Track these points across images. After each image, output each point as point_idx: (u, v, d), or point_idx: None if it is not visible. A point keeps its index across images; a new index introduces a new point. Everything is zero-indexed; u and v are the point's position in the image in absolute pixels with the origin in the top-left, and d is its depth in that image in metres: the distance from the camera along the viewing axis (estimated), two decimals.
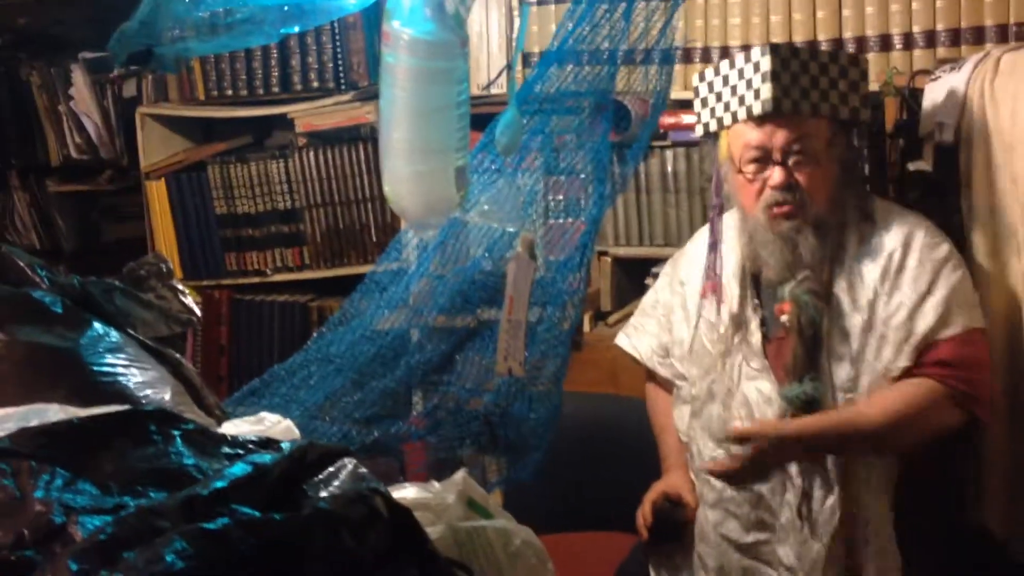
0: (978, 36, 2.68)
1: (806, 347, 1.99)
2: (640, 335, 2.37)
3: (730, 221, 2.19)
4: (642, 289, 2.96)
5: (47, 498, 0.98)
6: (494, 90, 2.57)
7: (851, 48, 2.75)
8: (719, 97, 2.12)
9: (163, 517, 0.90)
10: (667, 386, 2.35)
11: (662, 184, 2.97)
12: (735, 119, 2.07)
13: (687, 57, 2.96)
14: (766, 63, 2.00)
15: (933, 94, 2.30)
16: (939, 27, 2.71)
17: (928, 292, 2.00)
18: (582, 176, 1.97)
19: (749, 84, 2.04)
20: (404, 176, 1.47)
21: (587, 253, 1.92)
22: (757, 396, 2.06)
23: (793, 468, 2.03)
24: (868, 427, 1.97)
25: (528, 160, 1.89)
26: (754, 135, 2.03)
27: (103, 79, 3.57)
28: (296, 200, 3.31)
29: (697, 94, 2.18)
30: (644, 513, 2.21)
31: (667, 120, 2.90)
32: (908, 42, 2.75)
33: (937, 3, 2.70)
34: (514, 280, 1.69)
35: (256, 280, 3.41)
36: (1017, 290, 2.13)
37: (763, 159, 2.03)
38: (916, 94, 2.38)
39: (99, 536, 0.84)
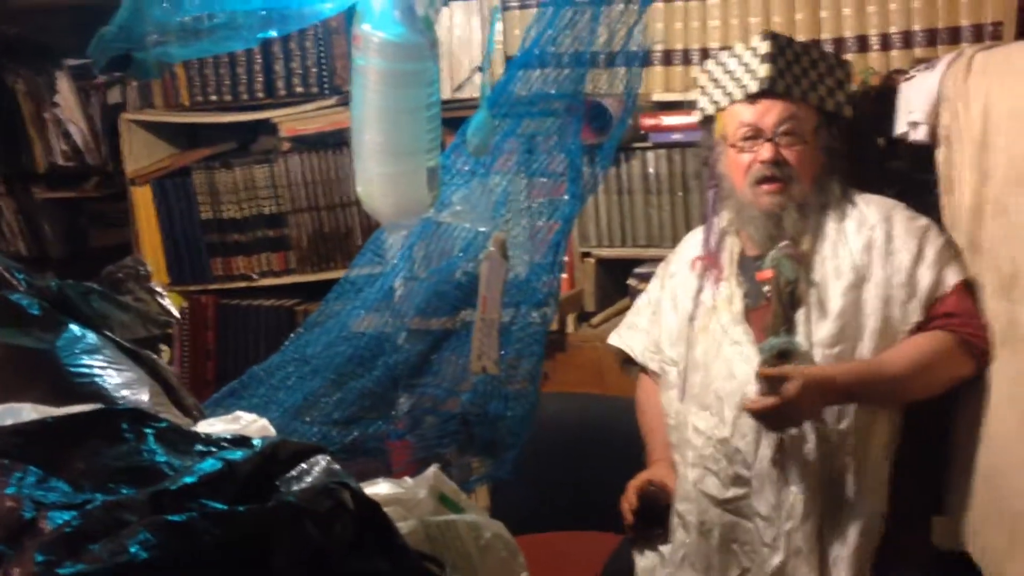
0: (954, 36, 2.70)
1: (783, 305, 2.09)
2: (633, 333, 2.46)
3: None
4: (625, 290, 2.99)
5: (18, 494, 1.00)
6: (467, 93, 2.59)
7: (829, 49, 2.77)
8: (717, 83, 2.26)
9: (130, 511, 0.91)
10: (657, 385, 2.39)
11: (644, 185, 2.99)
12: (732, 100, 2.21)
13: (667, 60, 2.99)
14: (765, 47, 2.18)
15: (907, 93, 2.32)
16: (916, 28, 2.74)
17: (919, 254, 2.13)
18: (558, 177, 1.99)
19: (747, 67, 2.20)
20: (376, 177, 1.49)
21: (560, 252, 1.94)
22: (738, 358, 2.14)
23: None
24: (892, 374, 2.05)
25: (501, 161, 1.91)
26: (748, 113, 2.18)
27: (88, 86, 3.59)
28: (281, 205, 3.33)
29: (697, 83, 2.34)
30: (628, 498, 2.26)
31: (648, 122, 2.93)
32: (885, 43, 2.78)
33: (913, 4, 2.73)
34: (487, 279, 1.71)
35: (242, 285, 3.42)
36: (993, 286, 2.15)
37: (755, 136, 2.17)
38: (892, 93, 2.41)
39: (65, 529, 0.86)
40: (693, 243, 2.37)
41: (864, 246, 2.14)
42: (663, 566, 2.24)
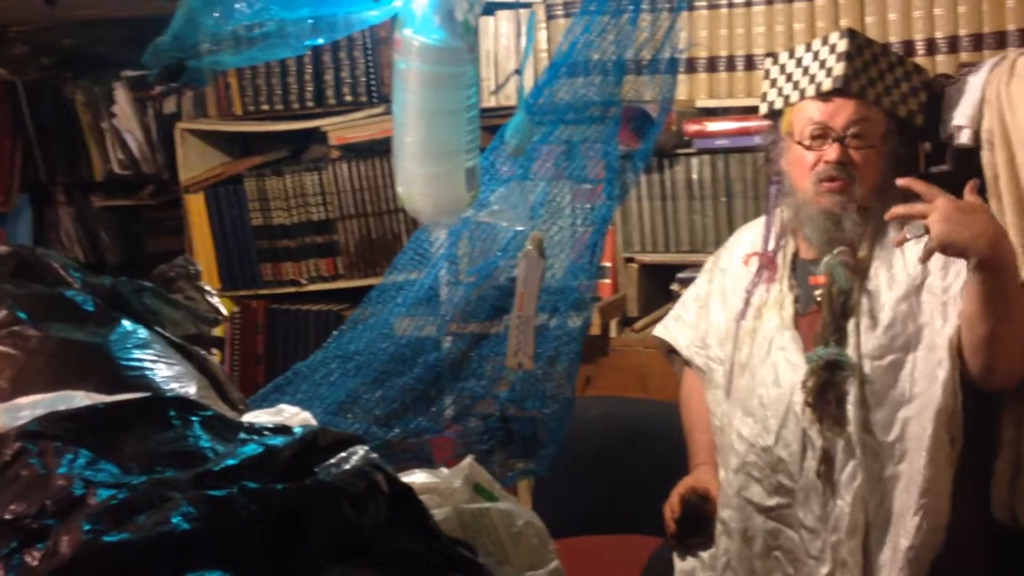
0: (1000, 41, 2.68)
1: (834, 314, 2.06)
2: (679, 326, 2.42)
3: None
4: (668, 295, 3.00)
5: (69, 474, 1.04)
6: (505, 98, 2.62)
7: None
8: (788, 77, 2.21)
9: (174, 488, 0.96)
10: (702, 381, 2.37)
11: (687, 191, 3.01)
12: (802, 96, 2.16)
13: (711, 67, 3.00)
14: (843, 44, 2.11)
15: (952, 98, 2.32)
16: (961, 32, 2.73)
17: None
18: (600, 182, 2.02)
19: (822, 64, 2.14)
20: (416, 177, 1.53)
21: (597, 252, 1.97)
22: (785, 365, 2.10)
23: (813, 431, 2.05)
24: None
25: (539, 164, 1.95)
26: (816, 111, 2.12)
27: (144, 96, 3.68)
28: (330, 211, 3.39)
29: (767, 76, 2.27)
30: (672, 506, 2.24)
31: (692, 128, 2.94)
32: (931, 47, 2.76)
33: (959, 8, 2.71)
34: (524, 277, 1.74)
35: (292, 290, 3.49)
36: None
37: (822, 135, 2.11)
38: (937, 98, 2.40)
39: (111, 502, 0.90)
40: (747, 238, 2.32)
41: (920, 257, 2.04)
42: (703, 569, 2.24)
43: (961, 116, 2.27)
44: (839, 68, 2.10)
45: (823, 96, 2.12)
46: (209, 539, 0.87)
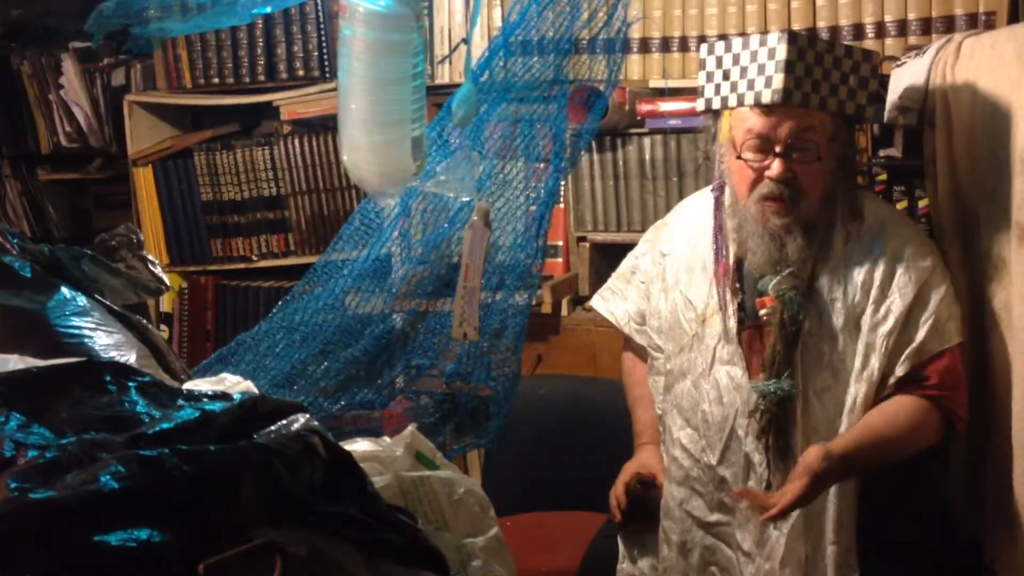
0: (948, 25, 2.72)
1: (785, 344, 2.00)
2: (617, 300, 2.37)
3: (707, 203, 2.22)
4: None
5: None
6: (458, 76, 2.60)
7: (824, 37, 2.79)
8: (726, 76, 2.06)
9: (105, 449, 0.94)
10: (643, 355, 2.34)
11: (640, 171, 3.02)
12: (741, 102, 2.03)
13: (665, 47, 3.01)
14: (782, 51, 1.96)
15: (898, 80, 2.34)
16: (911, 16, 2.76)
17: (915, 304, 2.02)
18: (547, 160, 2.02)
19: (761, 70, 1.99)
20: (362, 145, 1.52)
21: (544, 225, 1.97)
22: (728, 382, 2.08)
23: (757, 457, 2.05)
24: (886, 444, 1.97)
25: (488, 137, 1.94)
26: (759, 122, 2.00)
27: (92, 68, 3.62)
28: (281, 187, 3.36)
29: (703, 66, 2.12)
30: (617, 496, 2.23)
31: (645, 107, 2.95)
32: (880, 31, 2.80)
33: None
34: (470, 248, 1.73)
35: (242, 266, 3.45)
36: (978, 270, 2.17)
37: (764, 148, 2.00)
38: (884, 80, 2.42)
39: (39, 460, 0.89)
40: (690, 222, 2.24)
41: (861, 284, 2.03)
42: (645, 554, 2.23)
43: (907, 97, 2.29)
44: (779, 80, 1.95)
45: (764, 107, 1.99)
46: (139, 498, 0.86)
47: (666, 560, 2.17)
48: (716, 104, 2.09)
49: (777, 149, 1.99)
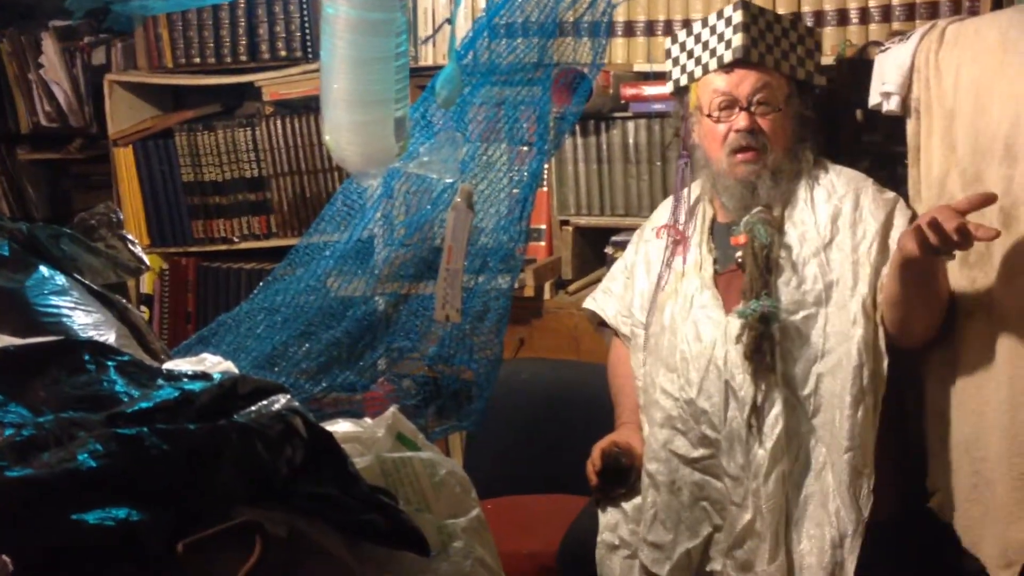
0: (932, 11, 2.71)
1: (760, 270, 2.13)
2: (607, 297, 2.50)
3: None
4: (602, 258, 3.01)
5: None
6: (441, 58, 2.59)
7: (809, 22, 2.79)
8: (690, 54, 2.28)
9: (83, 428, 0.94)
10: (628, 348, 2.43)
11: (623, 155, 3.01)
12: (705, 70, 2.24)
13: (649, 30, 3.00)
14: (738, 16, 2.20)
15: (882, 65, 2.34)
16: (895, 1, 2.75)
17: (888, 223, 2.17)
18: (529, 140, 2.01)
19: (721, 37, 2.22)
20: (344, 125, 1.51)
21: (527, 207, 1.96)
22: (706, 321, 2.18)
23: (737, 380, 2.11)
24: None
25: (472, 120, 1.93)
26: (722, 82, 2.21)
27: (73, 47, 3.58)
28: (263, 168, 3.34)
29: (669, 55, 2.34)
30: (593, 459, 2.29)
31: (629, 91, 2.94)
32: (864, 16, 2.79)
33: None
34: (452, 229, 1.73)
35: (223, 248, 3.43)
36: (963, 256, 2.17)
37: (730, 105, 2.20)
38: (867, 65, 2.43)
39: (15, 438, 0.88)
40: (665, 210, 2.41)
41: (831, 216, 2.18)
42: (627, 522, 2.27)
43: (890, 83, 2.29)
44: (738, 39, 2.18)
45: (726, 68, 2.20)
46: (117, 477, 0.86)
47: (656, 504, 2.21)
48: (684, 81, 2.31)
49: (741, 104, 2.19)
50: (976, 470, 2.07)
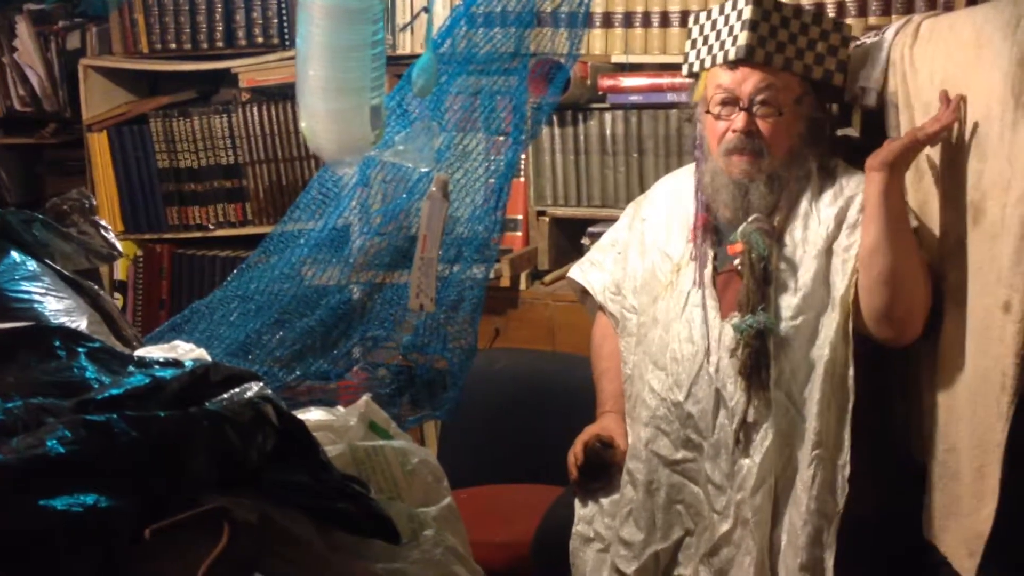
0: (908, 6, 2.74)
1: (756, 282, 2.08)
2: (595, 270, 2.42)
3: (687, 173, 2.31)
4: (579, 249, 3.02)
5: None
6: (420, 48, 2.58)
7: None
8: (705, 40, 2.22)
9: (52, 414, 0.93)
10: (613, 329, 2.38)
11: (600, 146, 3.02)
12: (713, 62, 2.18)
13: (627, 22, 3.01)
14: (748, 11, 2.11)
15: (857, 60, 2.35)
16: None
17: None
18: (506, 130, 2.01)
19: (731, 30, 2.14)
20: (319, 113, 1.50)
21: (502, 197, 1.96)
22: (700, 321, 2.13)
23: (729, 390, 2.08)
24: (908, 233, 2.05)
25: (448, 110, 1.93)
26: (725, 78, 2.14)
27: (47, 31, 3.55)
28: (239, 155, 3.33)
29: (689, 35, 2.27)
30: (575, 452, 2.26)
31: (606, 82, 2.95)
32: (841, 10, 2.82)
33: None
34: (428, 218, 1.73)
35: (198, 235, 3.42)
36: (936, 249, 2.19)
37: (731, 103, 2.13)
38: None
39: None
40: (670, 188, 2.33)
41: (835, 217, 2.11)
42: (603, 516, 2.27)
43: (866, 78, 2.30)
44: (743, 37, 2.10)
45: (730, 64, 2.13)
46: (85, 463, 0.85)
47: (632, 501, 2.20)
48: (696, 67, 2.24)
49: (741, 104, 2.11)
50: (943, 460, 2.09)
